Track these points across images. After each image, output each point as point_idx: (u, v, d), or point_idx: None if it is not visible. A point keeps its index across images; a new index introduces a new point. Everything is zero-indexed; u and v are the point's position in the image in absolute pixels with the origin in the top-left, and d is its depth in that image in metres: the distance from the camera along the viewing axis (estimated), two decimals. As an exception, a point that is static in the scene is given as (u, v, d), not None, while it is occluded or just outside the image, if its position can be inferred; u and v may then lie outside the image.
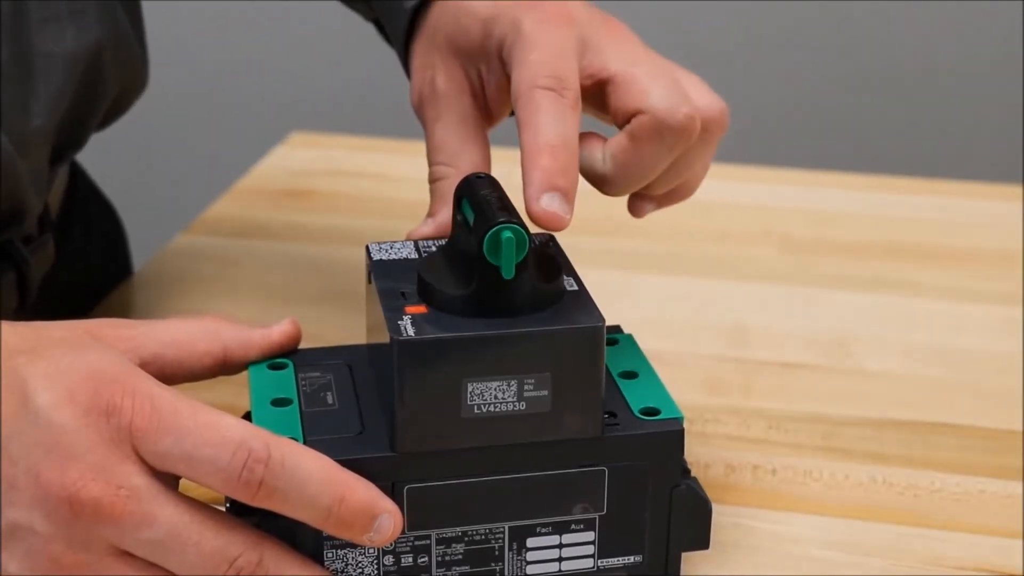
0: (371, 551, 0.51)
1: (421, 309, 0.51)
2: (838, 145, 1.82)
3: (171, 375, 0.53)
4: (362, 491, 0.48)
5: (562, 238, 0.61)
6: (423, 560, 0.52)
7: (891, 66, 1.79)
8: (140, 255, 0.93)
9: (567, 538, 0.53)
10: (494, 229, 0.50)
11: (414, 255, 0.55)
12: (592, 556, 0.54)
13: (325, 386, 0.54)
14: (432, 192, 0.59)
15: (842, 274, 0.86)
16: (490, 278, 0.50)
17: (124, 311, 0.82)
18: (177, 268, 0.87)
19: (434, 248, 0.55)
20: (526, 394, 0.50)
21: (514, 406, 0.50)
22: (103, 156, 0.76)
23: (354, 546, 0.51)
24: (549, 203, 0.52)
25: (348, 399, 0.53)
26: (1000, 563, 0.60)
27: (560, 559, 0.54)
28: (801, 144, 1.81)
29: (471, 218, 0.51)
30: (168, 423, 0.46)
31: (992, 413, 0.71)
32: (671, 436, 0.53)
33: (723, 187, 0.98)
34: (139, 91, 0.73)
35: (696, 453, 0.67)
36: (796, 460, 0.67)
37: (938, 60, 1.78)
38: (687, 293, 0.83)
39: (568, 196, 0.53)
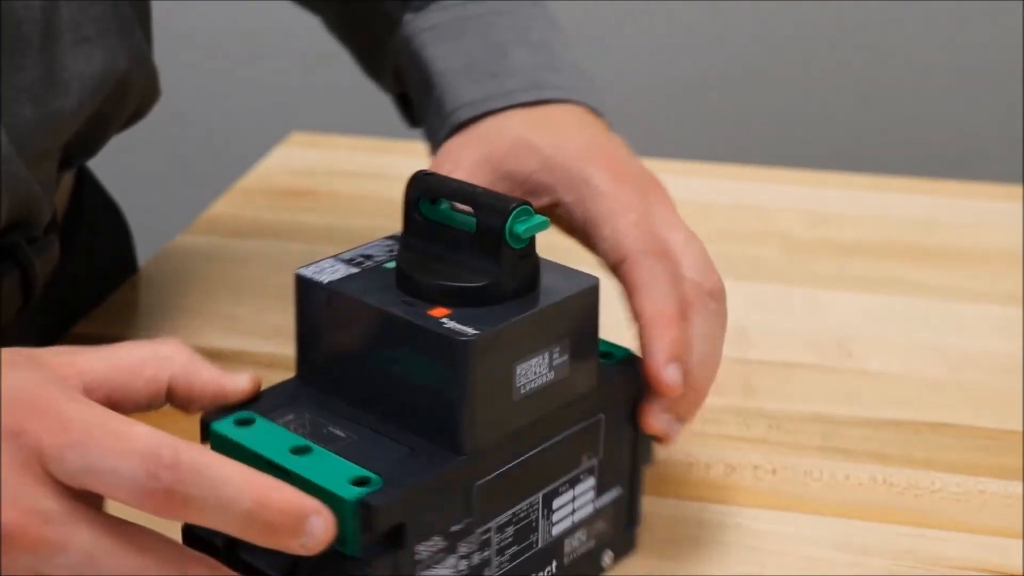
0: (448, 563, 0.50)
1: (446, 311, 0.51)
2: (838, 145, 1.82)
3: (119, 401, 0.50)
4: (286, 491, 0.44)
5: (564, 239, 0.62)
6: (486, 554, 0.52)
7: (891, 66, 1.79)
8: (141, 255, 0.93)
9: (578, 489, 0.55)
10: (517, 210, 0.51)
11: (351, 269, 0.54)
12: (592, 500, 0.56)
13: (316, 423, 0.52)
14: None
15: (842, 274, 0.86)
16: (511, 261, 0.51)
17: (126, 310, 0.82)
18: (178, 267, 0.87)
19: (371, 261, 0.55)
20: (554, 363, 0.52)
21: (547, 377, 0.52)
22: (104, 156, 0.76)
23: (437, 561, 0.50)
24: (675, 374, 0.54)
25: (353, 427, 0.52)
26: (1000, 563, 0.60)
27: (573, 511, 0.55)
28: (801, 144, 1.82)
29: (466, 211, 0.52)
30: (74, 438, 0.43)
31: (992, 413, 0.71)
32: (635, 370, 0.56)
33: (723, 187, 0.99)
34: (153, 104, 0.74)
35: (696, 453, 0.67)
36: (796, 460, 0.67)
37: (938, 60, 1.78)
38: (687, 293, 0.83)
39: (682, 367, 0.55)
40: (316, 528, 0.44)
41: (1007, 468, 0.67)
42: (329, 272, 0.53)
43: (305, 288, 0.53)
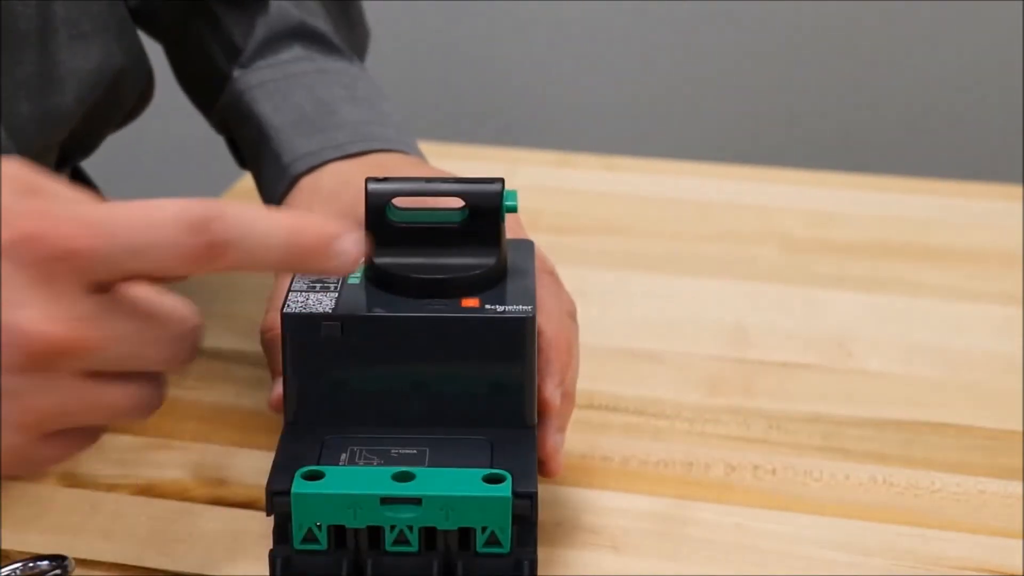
0: None
1: (476, 300, 0.52)
2: (838, 145, 1.82)
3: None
4: (311, 219, 0.46)
5: (564, 239, 0.62)
6: None
7: (891, 66, 1.79)
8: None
9: None
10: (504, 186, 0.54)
11: (329, 295, 0.53)
12: None
13: (376, 452, 0.52)
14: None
15: (842, 274, 0.86)
16: (504, 235, 0.54)
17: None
18: (177, 268, 0.87)
19: (330, 283, 0.54)
20: None
21: None
22: (102, 156, 0.76)
23: None
24: (558, 396, 0.56)
25: (413, 442, 0.52)
26: (1000, 563, 0.60)
27: None
28: (801, 144, 1.82)
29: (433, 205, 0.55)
30: (96, 228, 0.43)
31: (992, 413, 0.71)
32: None
33: (723, 187, 0.99)
34: (148, 102, 0.74)
35: (696, 453, 0.67)
36: (796, 460, 0.67)
37: (938, 60, 1.78)
38: (687, 293, 0.84)
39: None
40: (348, 244, 0.45)
41: (1007, 468, 0.67)
42: (316, 303, 0.52)
43: (305, 325, 0.51)
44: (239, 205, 0.45)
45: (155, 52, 0.75)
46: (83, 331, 0.43)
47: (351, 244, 0.46)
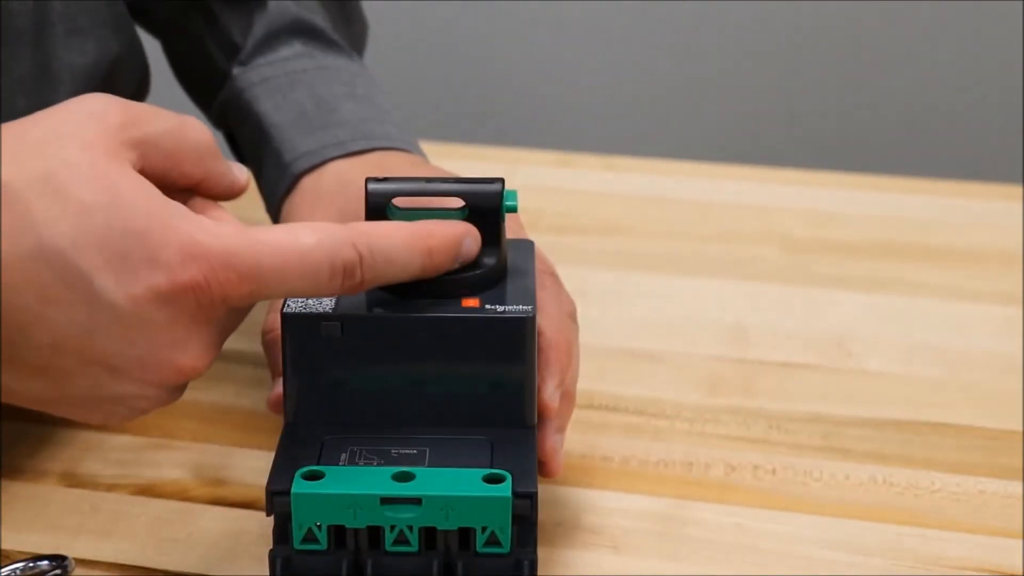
0: None
1: (476, 300, 0.52)
2: (838, 145, 1.82)
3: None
4: (440, 232, 0.50)
5: (564, 239, 0.62)
6: None
7: (891, 66, 1.79)
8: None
9: None
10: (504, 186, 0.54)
11: (331, 300, 0.53)
12: None
13: (376, 452, 0.52)
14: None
15: (842, 274, 0.86)
16: (502, 238, 0.54)
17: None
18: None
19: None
20: None
21: None
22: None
23: None
24: (556, 397, 0.56)
25: (412, 443, 0.52)
26: (1000, 563, 0.60)
27: None
28: (801, 144, 1.82)
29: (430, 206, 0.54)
30: (251, 274, 0.47)
31: (992, 413, 0.71)
32: None
33: (723, 187, 0.98)
34: (144, 96, 0.74)
35: (696, 453, 0.67)
36: (796, 460, 0.67)
37: (938, 60, 1.78)
38: (687, 293, 0.84)
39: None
40: (468, 248, 0.52)
41: (1007, 468, 0.67)
42: (315, 303, 0.52)
43: (304, 325, 0.51)
44: (379, 233, 0.48)
45: (152, 48, 0.75)
46: (220, 348, 0.50)
47: (472, 244, 0.52)
